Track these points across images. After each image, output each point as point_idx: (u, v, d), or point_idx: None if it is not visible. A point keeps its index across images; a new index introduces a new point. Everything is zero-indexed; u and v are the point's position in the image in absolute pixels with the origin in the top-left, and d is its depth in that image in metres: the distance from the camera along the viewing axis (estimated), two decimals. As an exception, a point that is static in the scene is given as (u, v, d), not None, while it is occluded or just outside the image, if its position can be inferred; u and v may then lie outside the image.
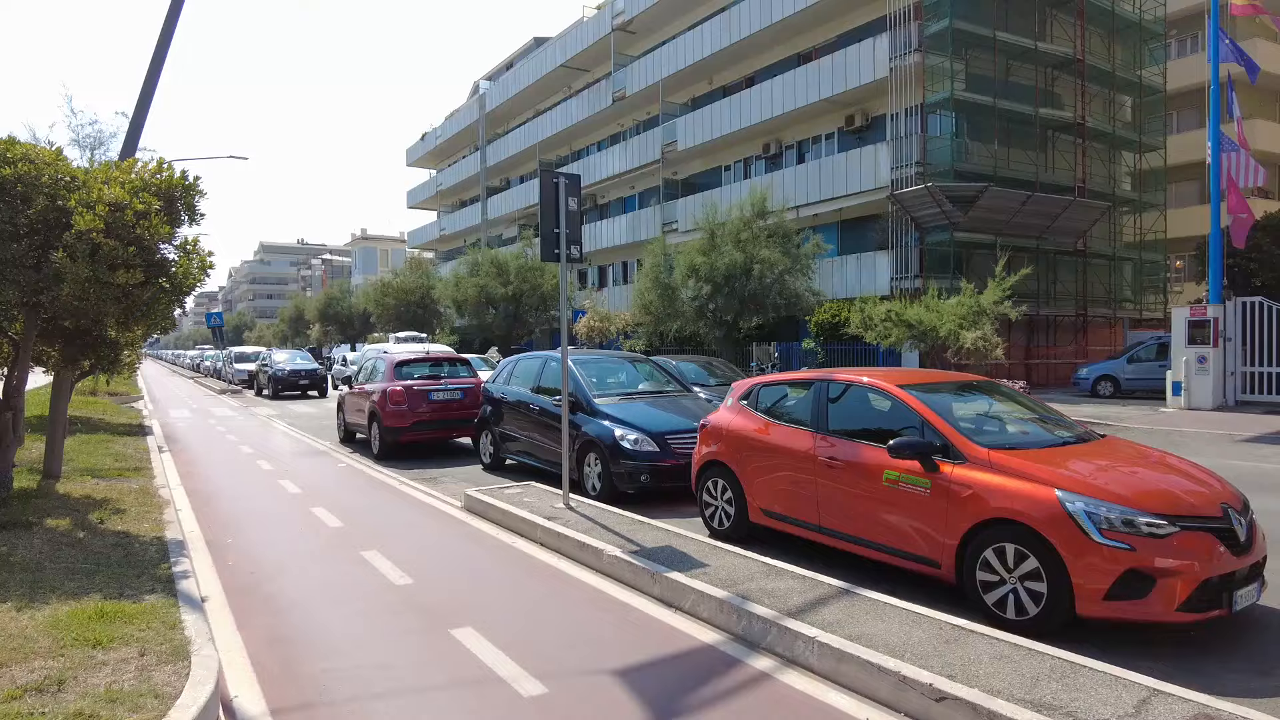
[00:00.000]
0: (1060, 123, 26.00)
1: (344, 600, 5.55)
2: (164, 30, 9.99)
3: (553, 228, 7.60)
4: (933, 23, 23.39)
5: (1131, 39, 28.34)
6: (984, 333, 17.07)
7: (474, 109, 51.93)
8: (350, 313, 55.94)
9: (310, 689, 4.12)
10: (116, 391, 25.80)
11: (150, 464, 10.80)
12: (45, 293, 6.53)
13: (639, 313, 24.83)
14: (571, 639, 4.79)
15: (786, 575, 5.45)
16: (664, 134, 34.62)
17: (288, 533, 7.62)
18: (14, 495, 7.63)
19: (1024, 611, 4.66)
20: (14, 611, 4.54)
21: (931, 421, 5.42)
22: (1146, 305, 29.21)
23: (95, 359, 9.16)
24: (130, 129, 9.96)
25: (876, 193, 24.93)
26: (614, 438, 8.68)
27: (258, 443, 14.70)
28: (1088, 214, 25.03)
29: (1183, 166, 30.31)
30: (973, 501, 4.94)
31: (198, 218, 7.37)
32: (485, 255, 35.39)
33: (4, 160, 6.49)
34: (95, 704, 3.42)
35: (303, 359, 29.59)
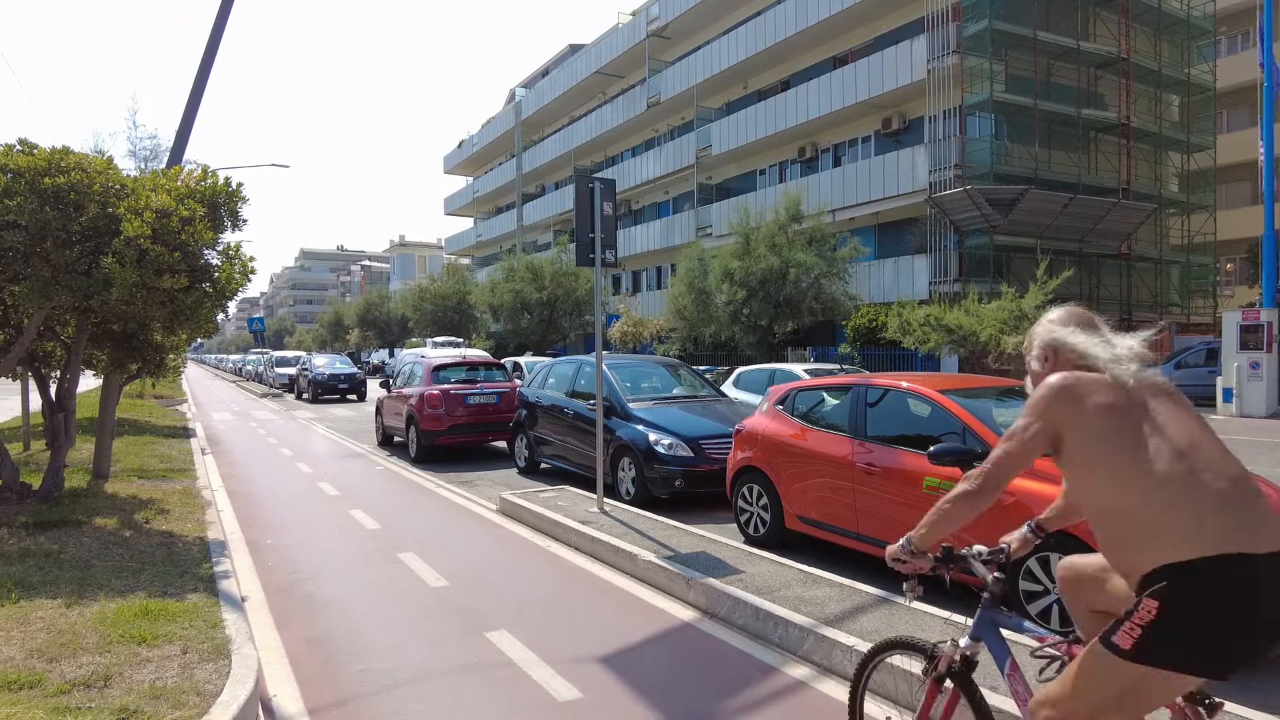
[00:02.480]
0: (1104, 123, 25.45)
1: (381, 602, 5.60)
2: (209, 45, 10.24)
3: (588, 232, 7.62)
4: (971, 23, 23.07)
5: (1179, 36, 27.64)
6: (1026, 338, 16.75)
7: (510, 116, 52.44)
8: (388, 318, 56.77)
9: (347, 689, 4.16)
10: (162, 395, 26.47)
11: (194, 465, 11.03)
12: (95, 297, 6.70)
13: (673, 318, 24.81)
14: (606, 644, 4.77)
15: (823, 583, 5.37)
16: (698, 139, 34.61)
17: (326, 534, 7.72)
18: (65, 494, 7.84)
19: (1069, 623, 4.53)
20: (64, 608, 4.66)
21: (973, 427, 5.31)
22: (1194, 309, 28.42)
23: (142, 362, 9.40)
24: (176, 139, 10.23)
25: (914, 196, 24.63)
26: (648, 442, 8.66)
27: (297, 445, 14.95)
28: (1132, 216, 24.44)
29: (1234, 166, 29.48)
30: (1016, 510, 4.82)
31: (240, 224, 7.52)
32: (521, 261, 35.68)
33: (58, 169, 6.69)
34: (140, 700, 3.48)
35: (342, 363, 30.05)
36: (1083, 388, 2.17)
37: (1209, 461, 2.00)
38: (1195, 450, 2.02)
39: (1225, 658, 1.91)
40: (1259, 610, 1.89)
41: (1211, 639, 1.89)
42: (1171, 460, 2.00)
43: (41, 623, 4.40)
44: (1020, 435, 2.23)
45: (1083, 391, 2.16)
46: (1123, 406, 2.12)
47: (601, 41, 42.32)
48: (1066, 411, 2.16)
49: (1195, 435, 2.08)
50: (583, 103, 45.81)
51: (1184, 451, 2.02)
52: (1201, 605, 1.89)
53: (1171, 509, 1.95)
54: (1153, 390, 2.19)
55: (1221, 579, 1.88)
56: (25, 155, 6.73)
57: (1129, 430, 2.08)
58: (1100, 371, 2.22)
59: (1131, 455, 2.04)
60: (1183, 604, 1.90)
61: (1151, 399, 2.16)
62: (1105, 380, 2.19)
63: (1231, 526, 1.91)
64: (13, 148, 6.86)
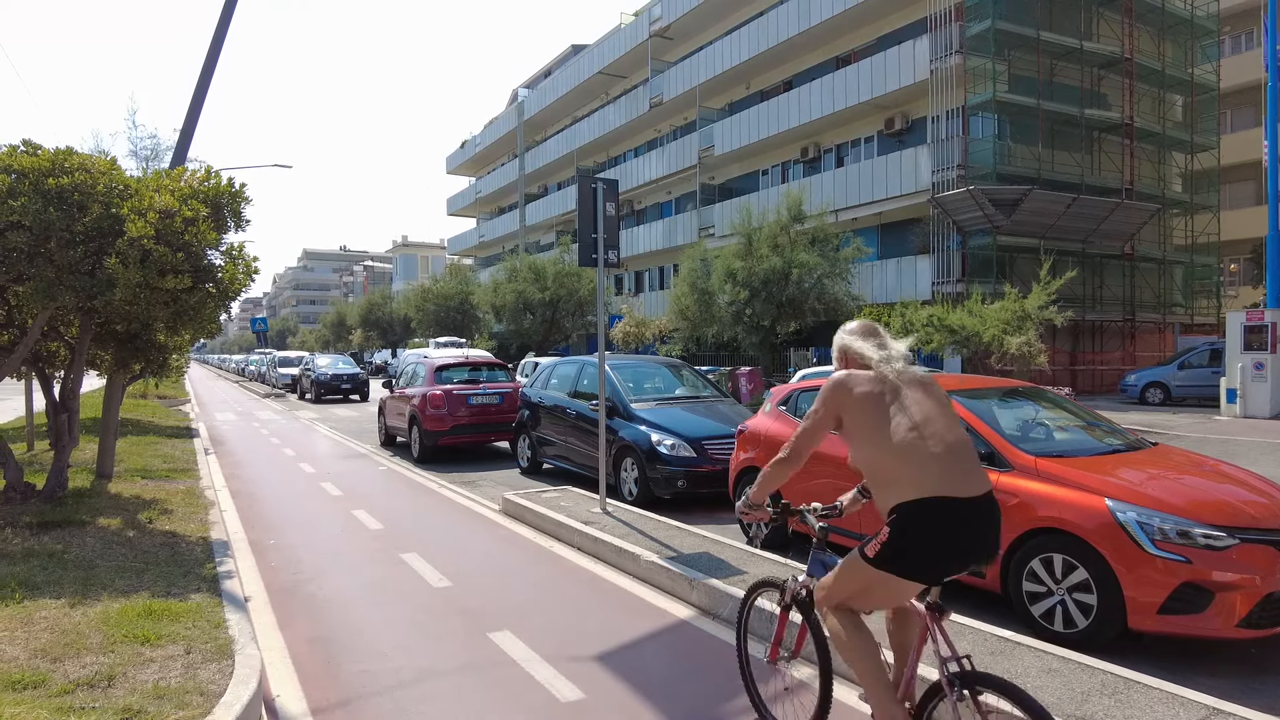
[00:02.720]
0: (1107, 123, 25.41)
1: (384, 602, 5.60)
2: (212, 46, 10.26)
3: (590, 233, 7.61)
4: (974, 24, 23.05)
5: (1183, 36, 27.58)
6: (1028, 338, 16.71)
7: (512, 117, 52.47)
8: (391, 318, 56.82)
9: (350, 689, 4.16)
10: (165, 395, 26.52)
11: (197, 465, 11.05)
12: (99, 297, 6.71)
13: (675, 318, 24.80)
14: (609, 644, 4.76)
15: (826, 583, 5.36)
16: (701, 139, 34.61)
17: (329, 534, 7.73)
18: (69, 494, 7.85)
19: (1073, 624, 4.52)
20: (68, 608, 4.66)
21: (976, 428, 5.30)
22: (1198, 310, 28.36)
23: (145, 362, 9.41)
24: (180, 139, 10.25)
25: (917, 196, 24.61)
26: (650, 443, 8.66)
27: (300, 446, 14.97)
28: (1136, 216, 24.40)
29: (1238, 166, 29.43)
30: (1019, 510, 4.81)
31: (243, 224, 7.52)
32: (523, 261, 35.70)
33: (62, 170, 6.70)
34: (143, 700, 3.49)
35: (345, 364, 30.08)
36: (852, 381, 2.86)
37: (934, 432, 2.70)
38: (926, 424, 2.71)
39: (933, 570, 2.65)
40: (958, 538, 2.62)
41: (924, 556, 2.62)
42: (907, 431, 2.70)
43: (45, 622, 4.41)
44: (813, 417, 2.97)
45: (852, 384, 2.85)
46: (880, 394, 2.80)
47: (604, 42, 42.33)
48: (841, 399, 2.86)
49: (929, 413, 2.75)
50: (585, 103, 45.83)
51: (917, 425, 2.71)
52: (918, 532, 2.61)
53: (904, 465, 2.66)
54: (909, 381, 2.85)
55: (932, 514, 2.60)
56: (29, 156, 6.74)
57: (882, 410, 2.77)
58: (873, 367, 2.89)
59: (882, 428, 2.74)
60: (906, 530, 2.62)
61: (906, 387, 2.83)
62: (872, 374, 2.87)
63: (943, 478, 2.62)
64: (17, 148, 6.87)
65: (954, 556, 2.65)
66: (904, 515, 2.63)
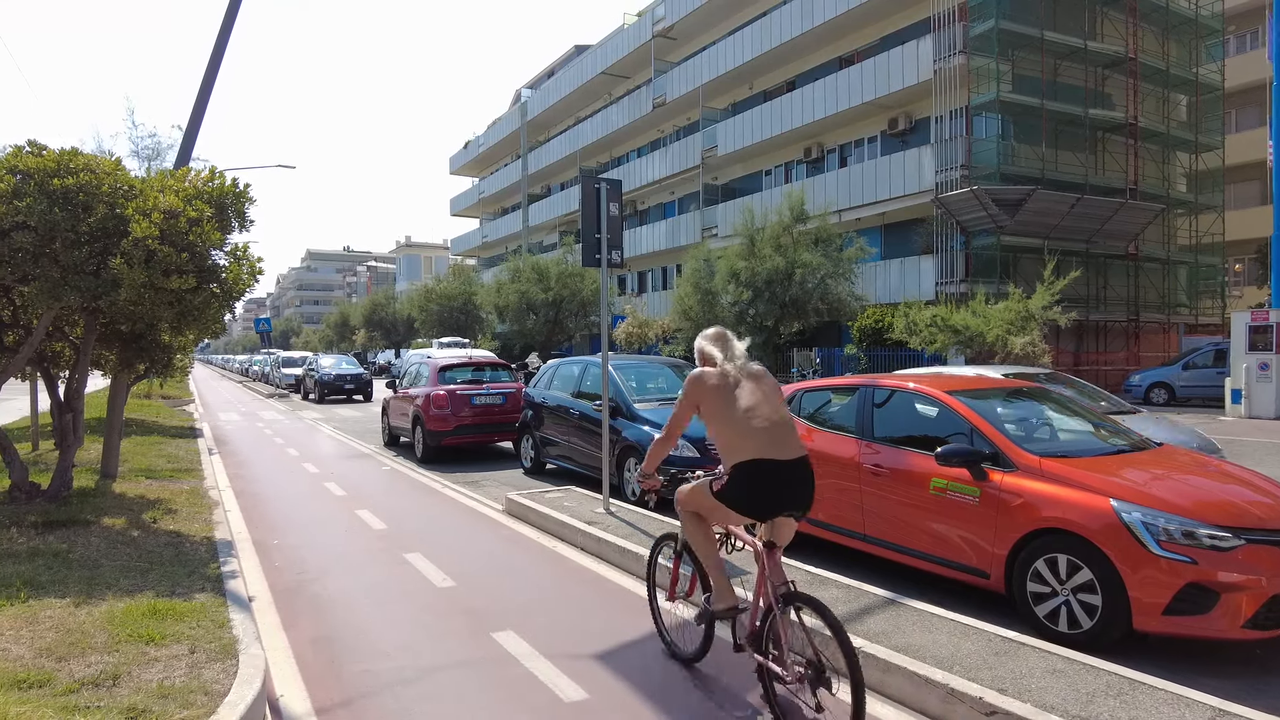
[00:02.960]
0: (1111, 123, 25.35)
1: (387, 602, 5.61)
2: (216, 46, 10.27)
3: (594, 233, 7.61)
4: (978, 23, 23.01)
5: (1187, 35, 27.51)
6: (1032, 338, 16.68)
7: (516, 117, 52.50)
8: (395, 318, 56.87)
9: (354, 689, 4.16)
10: (169, 395, 26.58)
11: (201, 466, 11.07)
12: (104, 297, 6.72)
13: (678, 318, 24.79)
14: (612, 644, 4.76)
15: (830, 584, 5.36)
16: (704, 139, 34.59)
17: (333, 535, 7.74)
18: (74, 494, 7.87)
19: (1077, 625, 4.51)
20: (72, 607, 4.67)
21: (980, 428, 5.29)
22: (1202, 310, 28.29)
23: (150, 362, 9.43)
24: (184, 139, 10.26)
25: (920, 196, 24.57)
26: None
27: (304, 446, 14.99)
28: (1140, 216, 24.35)
29: (1242, 166, 29.35)
30: (1023, 510, 4.80)
31: (247, 225, 7.53)
32: (526, 261, 35.70)
33: (67, 170, 6.71)
34: (148, 699, 3.49)
35: (348, 364, 30.11)
36: (705, 377, 3.79)
37: (760, 414, 3.63)
38: (755, 408, 3.65)
39: (754, 509, 3.65)
40: (773, 489, 3.59)
41: (747, 499, 3.63)
42: (741, 412, 3.64)
43: (50, 622, 4.42)
44: (680, 405, 3.90)
45: (704, 378, 3.79)
46: (724, 385, 3.73)
47: (607, 42, 42.33)
48: (698, 391, 3.79)
49: (758, 399, 3.68)
50: (588, 103, 45.84)
51: (748, 408, 3.65)
52: (745, 481, 3.60)
53: (739, 436, 3.62)
54: (747, 375, 3.78)
55: (755, 471, 3.57)
56: (34, 156, 6.76)
57: (726, 397, 3.70)
58: (719, 365, 3.80)
59: (726, 411, 3.68)
60: (738, 481, 3.62)
61: (745, 379, 3.75)
62: (718, 370, 3.79)
63: (764, 446, 3.57)
64: (22, 149, 6.89)
65: (770, 502, 3.62)
66: (738, 471, 3.62)
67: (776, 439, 3.59)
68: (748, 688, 4.09)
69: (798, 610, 3.50)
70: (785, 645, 3.48)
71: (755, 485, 3.57)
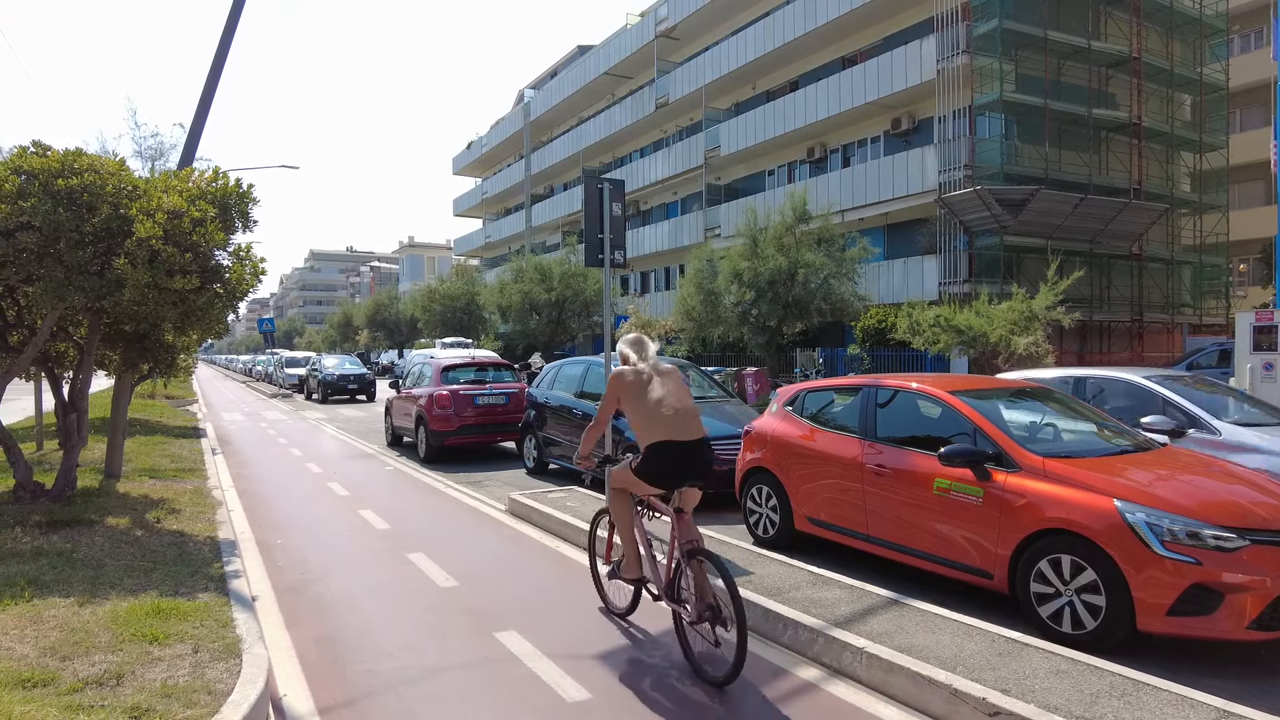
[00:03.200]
0: (1115, 123, 25.29)
1: (390, 602, 5.61)
2: (220, 47, 10.28)
3: (597, 233, 7.62)
4: (981, 23, 22.97)
5: (1191, 35, 27.43)
6: (1036, 338, 16.63)
7: (519, 117, 52.52)
8: (398, 319, 56.92)
9: (357, 689, 4.17)
10: (173, 395, 26.63)
11: (204, 465, 11.09)
12: (108, 297, 6.74)
13: (681, 318, 24.76)
14: (615, 644, 4.76)
15: (833, 585, 5.35)
16: (707, 139, 34.57)
17: (336, 534, 7.75)
18: (78, 494, 7.89)
19: (1081, 625, 4.50)
20: (77, 606, 4.69)
21: (984, 428, 5.28)
22: (1207, 310, 28.20)
23: (154, 363, 9.45)
24: (188, 140, 10.27)
25: (924, 196, 24.54)
26: (657, 443, 8.63)
27: (307, 446, 15.01)
28: (1144, 216, 24.28)
29: (1247, 166, 29.25)
30: (1027, 511, 4.80)
31: (251, 225, 7.55)
32: (529, 262, 35.71)
33: (71, 171, 6.73)
34: (152, 698, 3.50)
35: (351, 364, 30.14)
36: (624, 374, 4.54)
37: (668, 404, 4.37)
38: (664, 399, 4.39)
39: (662, 480, 4.39)
40: (676, 464, 4.34)
41: (659, 472, 4.36)
42: (652, 403, 4.39)
43: (54, 621, 4.43)
44: (605, 399, 4.62)
45: (624, 375, 4.52)
46: (639, 381, 4.49)
47: (610, 43, 42.32)
48: (618, 385, 4.52)
49: (666, 392, 4.43)
50: (591, 104, 45.83)
51: (659, 399, 4.40)
52: (655, 458, 4.34)
53: (650, 423, 4.36)
54: (658, 372, 4.53)
55: (661, 449, 4.33)
56: (39, 157, 6.78)
57: (642, 391, 4.45)
58: (635, 364, 4.58)
59: (640, 402, 4.42)
60: (649, 457, 4.35)
61: (657, 376, 4.50)
62: (635, 368, 4.55)
63: (670, 430, 4.32)
64: (27, 149, 6.91)
65: (676, 474, 4.39)
66: (650, 450, 4.36)
67: (681, 424, 4.36)
68: (666, 631, 4.95)
69: (700, 563, 4.25)
70: (691, 592, 4.28)
71: (663, 461, 4.35)
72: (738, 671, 4.00)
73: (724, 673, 4.07)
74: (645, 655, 4.62)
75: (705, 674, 4.21)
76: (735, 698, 4.05)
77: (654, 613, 5.15)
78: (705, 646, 4.24)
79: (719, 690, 4.12)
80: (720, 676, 4.10)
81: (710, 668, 4.20)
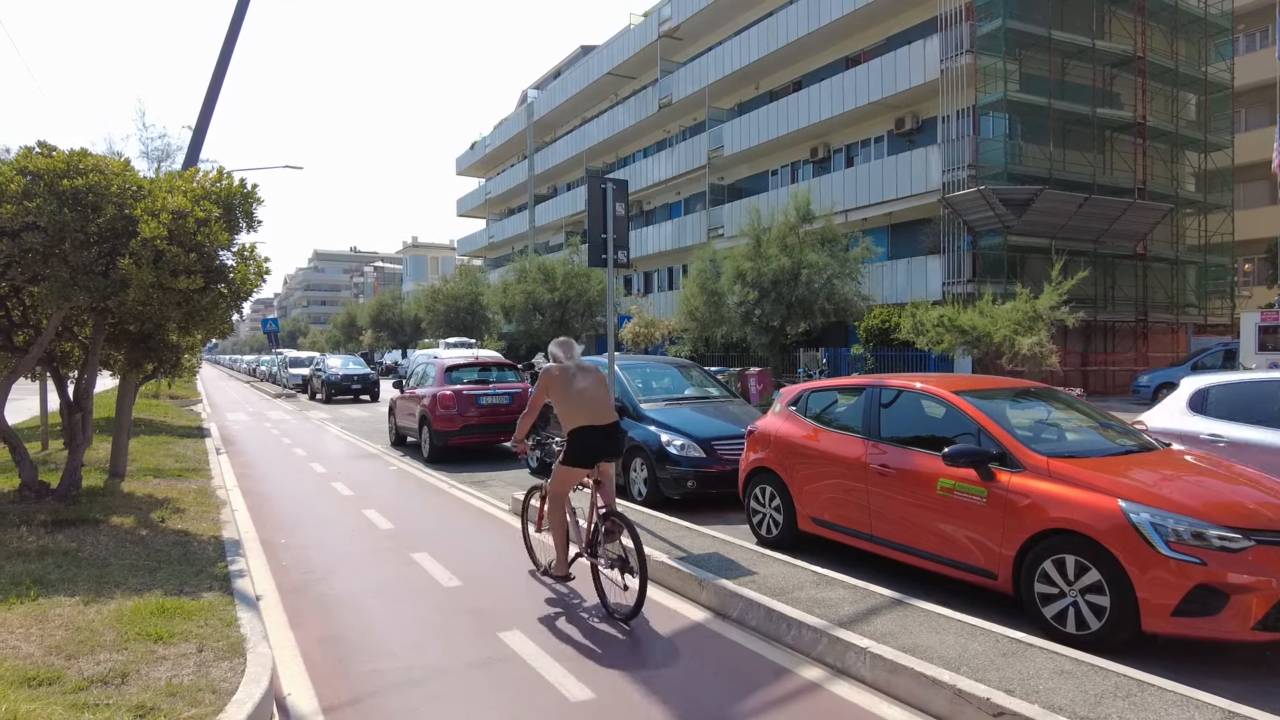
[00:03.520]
0: (1119, 122, 25.23)
1: (394, 601, 5.62)
2: (224, 48, 10.31)
3: (600, 233, 7.62)
4: (985, 23, 22.94)
5: (1196, 34, 27.36)
6: (1040, 339, 16.60)
7: (522, 118, 52.56)
8: (401, 319, 57.00)
9: (360, 688, 4.18)
10: (177, 395, 26.69)
11: (208, 465, 11.11)
12: (113, 297, 6.76)
13: (684, 319, 24.76)
14: (619, 645, 4.77)
15: (837, 584, 5.35)
16: (710, 139, 34.56)
17: (340, 534, 7.76)
18: (83, 493, 7.91)
19: (1085, 626, 4.49)
20: (82, 605, 4.70)
21: (988, 428, 5.27)
22: (1212, 310, 28.12)
23: (158, 362, 9.47)
24: (192, 140, 10.31)
25: (927, 196, 24.51)
26: (660, 443, 8.65)
27: (311, 446, 15.03)
28: (1148, 216, 24.22)
29: (1252, 166, 29.14)
30: (1031, 511, 4.79)
31: (255, 225, 7.57)
32: (533, 262, 35.75)
33: (76, 171, 6.75)
34: (156, 697, 3.51)
35: (355, 364, 30.17)
36: (553, 370, 5.42)
37: (587, 395, 5.28)
38: (583, 391, 5.30)
39: (586, 459, 5.26)
40: (594, 444, 5.27)
41: (581, 452, 5.26)
42: (574, 394, 5.29)
43: (60, 620, 4.44)
44: (536, 390, 5.46)
45: (552, 372, 5.41)
46: (564, 377, 5.36)
47: (613, 43, 42.33)
48: (548, 382, 5.39)
49: (585, 385, 5.32)
50: (594, 104, 45.84)
51: (579, 390, 5.30)
52: (577, 442, 5.24)
53: (571, 411, 5.26)
54: (580, 369, 5.43)
55: (583, 432, 5.24)
56: (44, 158, 6.80)
57: (567, 385, 5.33)
58: (561, 363, 5.44)
59: (565, 393, 5.30)
60: (573, 442, 5.25)
61: (578, 372, 5.39)
62: (561, 366, 5.43)
63: (588, 416, 5.24)
64: (32, 150, 6.93)
65: (594, 453, 5.32)
66: (572, 435, 5.29)
67: (597, 412, 5.32)
68: (585, 582, 5.73)
69: (613, 523, 5.17)
70: (605, 547, 5.19)
71: (585, 442, 5.29)
72: (638, 609, 4.96)
73: (626, 611, 5.02)
74: (650, 655, 4.62)
75: (613, 611, 5.14)
76: (737, 699, 4.05)
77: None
78: (615, 591, 5.15)
79: (725, 688, 4.11)
80: (625, 613, 5.03)
81: (618, 610, 5.12)
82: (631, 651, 4.66)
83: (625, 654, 4.62)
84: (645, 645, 4.77)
